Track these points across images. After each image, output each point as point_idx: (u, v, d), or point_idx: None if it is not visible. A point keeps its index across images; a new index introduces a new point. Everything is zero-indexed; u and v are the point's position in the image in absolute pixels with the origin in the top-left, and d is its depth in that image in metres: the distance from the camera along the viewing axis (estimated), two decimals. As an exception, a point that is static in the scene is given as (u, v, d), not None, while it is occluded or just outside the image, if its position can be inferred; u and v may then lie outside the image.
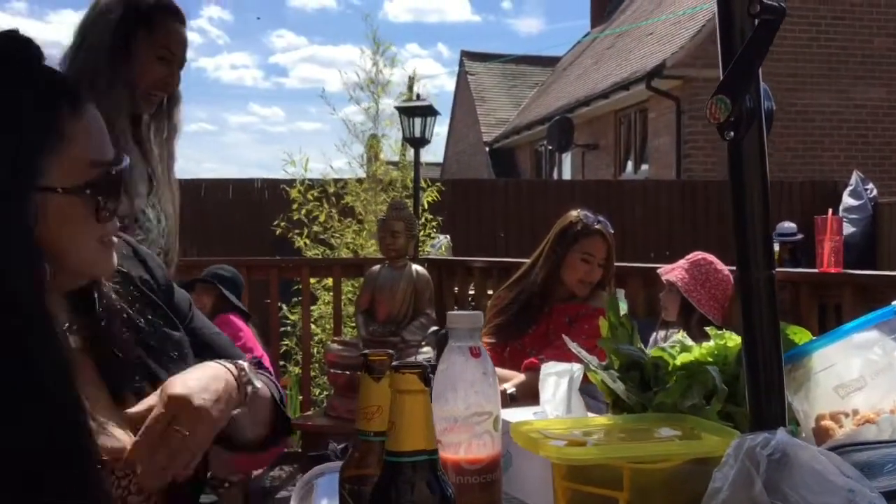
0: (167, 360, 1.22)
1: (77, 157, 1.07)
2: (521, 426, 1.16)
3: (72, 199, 1.07)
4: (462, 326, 1.16)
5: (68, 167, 1.06)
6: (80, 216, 1.08)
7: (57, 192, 1.05)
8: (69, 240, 1.09)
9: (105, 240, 1.13)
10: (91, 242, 1.11)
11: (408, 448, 0.80)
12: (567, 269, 3.20)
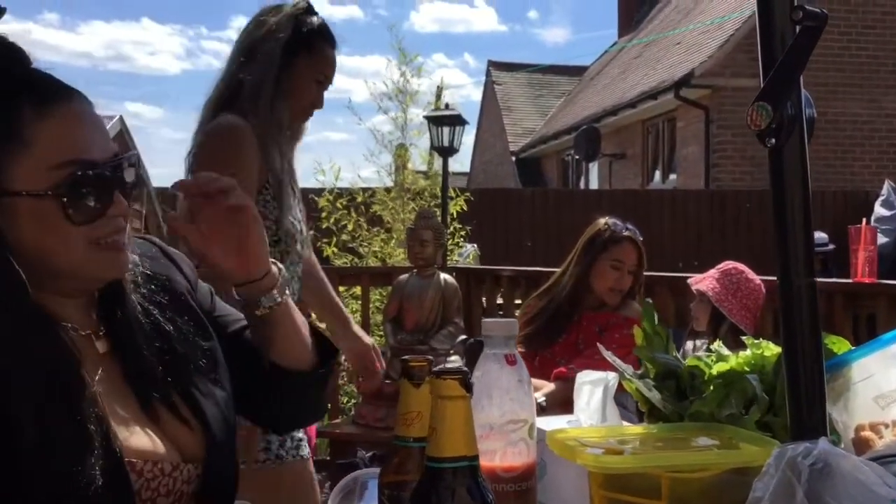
0: (196, 368, 1.22)
1: (42, 160, 1.05)
2: (558, 434, 1.16)
3: (37, 202, 1.05)
4: (498, 334, 1.16)
5: (32, 170, 1.05)
6: (51, 219, 1.06)
7: (21, 195, 1.05)
8: (49, 243, 1.07)
9: (100, 242, 1.10)
10: (77, 245, 1.08)
11: (449, 454, 0.80)
12: (597, 276, 3.19)
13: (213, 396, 1.22)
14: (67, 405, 1.05)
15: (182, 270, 1.31)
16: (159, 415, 1.16)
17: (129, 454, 1.09)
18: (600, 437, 1.17)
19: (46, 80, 1.10)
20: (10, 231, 1.05)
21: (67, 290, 1.14)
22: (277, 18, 2.29)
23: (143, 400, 1.16)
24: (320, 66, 2.33)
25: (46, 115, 1.06)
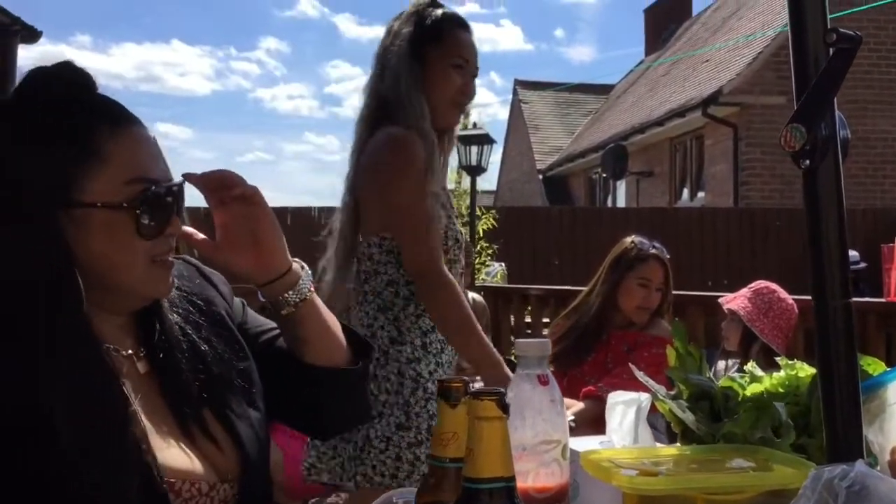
0: (231, 388, 1.23)
1: (116, 175, 1.10)
2: (592, 455, 1.15)
3: (111, 214, 1.10)
4: (530, 354, 1.17)
5: (107, 184, 1.10)
6: (122, 231, 1.11)
7: (96, 206, 1.09)
8: (116, 256, 1.12)
9: (157, 259, 1.14)
10: (139, 260, 1.13)
11: (485, 475, 0.80)
12: (624, 295, 3.18)
13: (247, 417, 1.23)
14: (108, 424, 1.07)
15: (218, 289, 1.33)
16: (196, 434, 1.18)
17: (168, 474, 1.10)
18: (634, 459, 1.17)
19: (114, 103, 1.16)
20: (79, 243, 1.09)
21: (115, 307, 1.17)
22: (400, 20, 2.30)
23: (181, 420, 1.18)
24: (453, 51, 2.29)
25: (120, 134, 1.12)
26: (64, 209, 1.08)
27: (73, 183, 1.09)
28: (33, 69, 1.14)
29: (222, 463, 1.19)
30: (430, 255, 2.18)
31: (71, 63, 1.15)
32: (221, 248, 1.21)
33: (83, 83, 1.14)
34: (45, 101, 1.11)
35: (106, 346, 1.14)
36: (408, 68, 2.23)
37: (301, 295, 1.24)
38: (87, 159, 1.09)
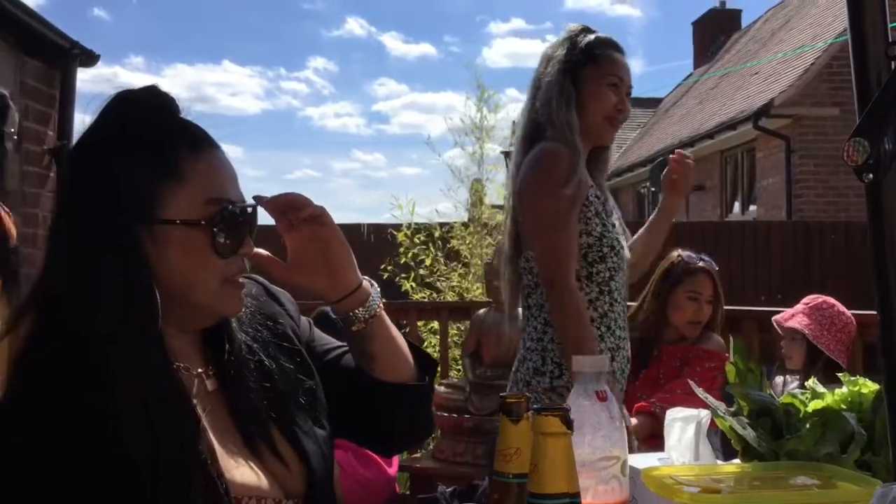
0: (297, 406, 1.24)
1: (195, 195, 1.14)
2: (652, 471, 1.15)
3: (189, 232, 1.13)
4: (588, 370, 1.17)
5: (186, 203, 1.13)
6: (199, 249, 1.13)
7: (175, 223, 1.13)
8: (191, 273, 1.14)
9: (230, 279, 1.17)
10: (213, 279, 1.15)
11: (550, 490, 0.81)
12: (674, 309, 3.16)
13: (313, 434, 1.25)
14: (178, 441, 1.09)
15: (285, 307, 1.35)
16: (263, 452, 1.19)
17: (235, 490, 1.12)
18: (695, 476, 1.16)
19: (196, 127, 1.20)
20: (157, 259, 1.13)
21: (187, 325, 1.20)
22: (554, 46, 2.38)
23: (248, 437, 1.19)
24: (608, 70, 2.36)
25: (200, 156, 1.16)
26: (145, 226, 1.12)
27: (155, 201, 1.12)
28: (121, 91, 1.18)
29: (289, 480, 1.20)
30: (556, 266, 2.25)
31: (156, 87, 1.19)
32: (293, 269, 1.24)
33: (167, 106, 1.19)
34: (131, 121, 1.15)
35: (176, 364, 1.17)
36: (560, 89, 2.31)
37: (370, 311, 1.26)
38: (168, 179, 1.13)
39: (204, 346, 1.23)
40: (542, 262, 2.28)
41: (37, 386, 1.07)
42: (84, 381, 1.06)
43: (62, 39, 6.37)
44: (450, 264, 7.41)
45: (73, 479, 1.02)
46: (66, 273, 1.13)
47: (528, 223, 2.33)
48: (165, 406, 1.10)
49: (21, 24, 5.85)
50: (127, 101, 1.17)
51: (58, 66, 6.54)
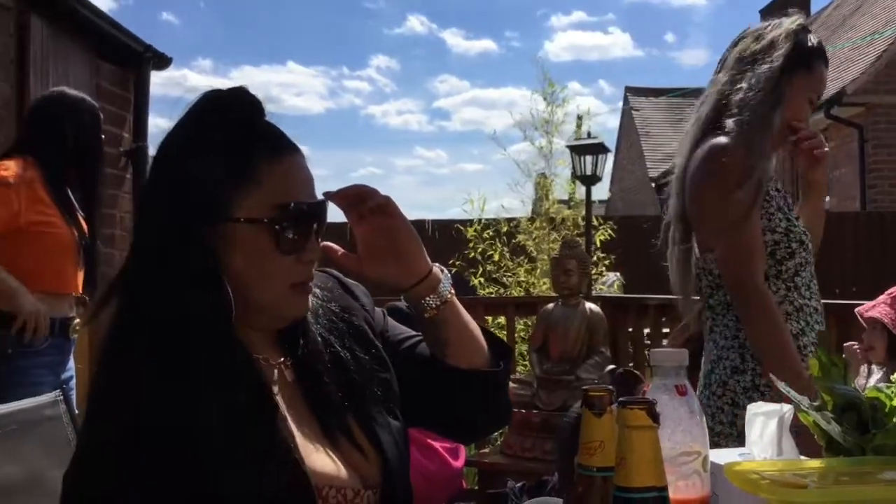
0: (372, 397, 1.26)
1: (266, 198, 1.16)
2: (736, 466, 1.14)
3: (254, 230, 1.16)
4: (667, 364, 1.16)
5: (256, 205, 1.16)
6: (263, 247, 1.16)
7: (240, 222, 1.15)
8: (257, 273, 1.17)
9: (297, 285, 1.19)
10: (279, 283, 1.18)
11: (637, 484, 0.81)
12: None
13: (387, 426, 1.26)
14: (258, 430, 1.11)
15: (359, 300, 1.37)
16: (341, 442, 1.22)
17: (315, 479, 1.14)
18: (779, 471, 1.15)
19: (279, 132, 1.23)
20: (225, 258, 1.16)
21: (258, 324, 1.23)
22: (777, 33, 2.25)
23: (327, 427, 1.22)
24: (816, 85, 2.28)
25: (276, 162, 1.18)
26: (214, 224, 1.15)
27: (227, 201, 1.15)
28: (209, 91, 1.22)
29: (366, 470, 1.22)
30: (743, 267, 2.17)
31: (244, 89, 1.22)
32: (364, 261, 1.26)
33: (250, 109, 1.22)
34: (212, 123, 1.19)
35: (255, 355, 1.20)
36: (773, 86, 2.19)
37: (442, 297, 1.27)
38: (241, 182, 1.16)
39: (281, 339, 1.26)
40: (727, 264, 2.20)
41: (120, 377, 1.12)
42: (164, 371, 1.09)
43: (135, 43, 6.54)
44: (516, 259, 7.41)
45: (157, 466, 1.05)
46: (143, 267, 1.17)
47: (705, 225, 2.26)
48: (243, 394, 1.12)
49: (96, 28, 6.03)
50: (211, 102, 1.21)
51: (132, 69, 6.72)
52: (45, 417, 1.66)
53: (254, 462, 1.09)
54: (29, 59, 5.31)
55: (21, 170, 2.97)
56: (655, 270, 9.02)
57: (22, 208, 2.92)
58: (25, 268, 2.95)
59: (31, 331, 2.90)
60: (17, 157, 3.03)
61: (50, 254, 2.99)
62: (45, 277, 3.00)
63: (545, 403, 4.63)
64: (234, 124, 1.19)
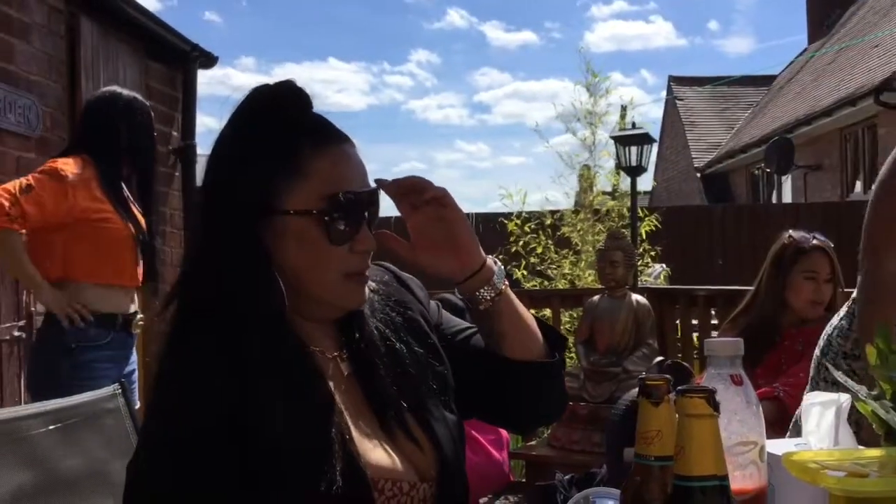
0: (428, 390, 1.26)
1: (314, 189, 1.16)
2: (794, 456, 1.13)
3: (304, 221, 1.16)
4: (723, 354, 1.15)
5: (305, 197, 1.16)
6: (314, 238, 1.16)
7: (290, 214, 1.16)
8: (309, 265, 1.17)
9: (352, 275, 1.19)
10: (332, 273, 1.18)
11: (697, 472, 0.81)
12: (792, 291, 3.06)
13: (443, 419, 1.26)
14: (316, 425, 1.12)
15: (414, 293, 1.37)
16: (397, 434, 1.22)
17: (372, 471, 1.15)
18: (837, 460, 1.14)
19: (325, 123, 1.23)
20: (277, 251, 1.17)
21: (314, 316, 1.23)
22: None
23: (383, 420, 1.22)
24: None
25: (322, 153, 1.19)
26: (263, 218, 1.16)
27: (275, 194, 1.16)
28: (257, 87, 1.23)
29: (422, 463, 1.22)
30: None
31: (290, 82, 1.23)
32: (417, 251, 1.26)
33: (298, 102, 1.22)
34: (260, 117, 1.20)
35: (311, 348, 1.21)
36: None
37: (496, 289, 1.26)
38: (289, 174, 1.16)
39: (338, 332, 1.26)
40: None
41: (180, 372, 1.13)
42: (222, 363, 1.11)
43: (183, 43, 6.62)
44: (560, 252, 7.38)
45: (216, 459, 1.07)
46: (199, 262, 1.20)
47: None
48: (298, 386, 1.14)
49: (144, 28, 6.11)
50: (259, 98, 1.22)
51: (179, 68, 6.80)
52: (105, 410, 1.70)
53: (310, 455, 1.10)
54: (80, 60, 5.40)
55: (79, 168, 3.06)
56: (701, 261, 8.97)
57: (78, 203, 3.00)
58: (82, 261, 3.04)
59: (67, 321, 2.99)
60: (75, 156, 3.12)
61: (106, 247, 3.07)
62: (103, 270, 3.09)
63: (592, 396, 4.61)
64: (281, 118, 1.19)
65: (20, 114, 4.81)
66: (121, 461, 1.63)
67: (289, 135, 1.18)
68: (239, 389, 1.09)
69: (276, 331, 1.15)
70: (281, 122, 1.19)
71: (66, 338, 2.99)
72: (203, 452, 1.07)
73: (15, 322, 4.68)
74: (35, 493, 1.49)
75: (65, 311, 3.00)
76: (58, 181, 2.99)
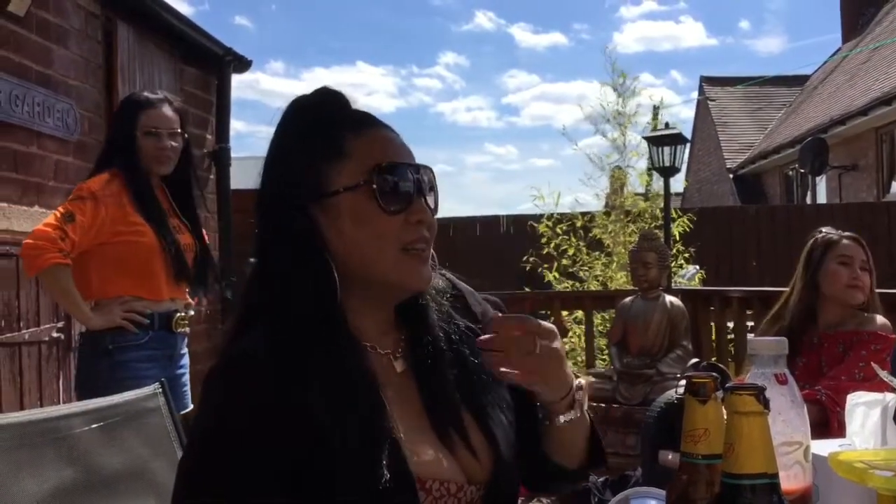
0: (488, 392, 1.25)
1: (359, 166, 1.18)
2: (841, 456, 1.12)
3: (354, 196, 1.17)
4: (767, 353, 1.14)
5: (352, 174, 1.17)
6: (367, 211, 1.16)
7: (340, 192, 1.17)
8: (366, 241, 1.17)
9: (409, 248, 1.18)
10: (389, 246, 1.17)
11: (747, 470, 0.80)
12: (827, 280, 3.00)
13: (501, 422, 1.25)
14: (367, 422, 1.11)
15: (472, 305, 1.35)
16: (450, 435, 1.20)
17: (419, 470, 1.13)
18: (884, 460, 1.12)
19: (363, 113, 1.26)
20: (331, 232, 1.18)
21: (372, 301, 1.22)
22: None
23: (436, 419, 1.21)
24: None
25: (362, 134, 1.21)
26: (315, 202, 1.17)
27: (323, 177, 1.18)
28: (297, 97, 1.26)
29: (473, 465, 1.21)
30: None
31: (326, 87, 1.27)
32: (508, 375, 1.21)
33: (335, 100, 1.26)
34: (303, 119, 1.23)
35: (364, 343, 1.20)
36: None
37: (573, 416, 1.24)
38: (333, 157, 1.18)
39: (397, 328, 1.26)
40: None
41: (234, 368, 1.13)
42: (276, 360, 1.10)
43: (217, 47, 6.69)
44: (592, 253, 7.35)
45: (271, 456, 1.07)
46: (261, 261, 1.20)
47: None
48: (350, 383, 1.13)
49: (179, 33, 6.18)
50: (299, 104, 1.25)
51: (213, 72, 6.87)
52: (146, 409, 1.71)
53: (359, 453, 1.09)
54: (117, 64, 5.47)
55: (106, 185, 3.01)
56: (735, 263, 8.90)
57: (107, 222, 2.98)
58: (115, 281, 3.03)
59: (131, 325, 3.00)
60: (105, 171, 3.08)
61: (137, 264, 3.03)
62: (133, 286, 3.06)
63: (625, 398, 4.59)
64: (323, 115, 1.23)
65: (58, 118, 4.88)
66: (161, 460, 1.65)
67: (332, 126, 1.21)
68: (292, 388, 1.09)
69: (328, 325, 1.15)
70: (324, 118, 1.22)
71: (104, 339, 3.01)
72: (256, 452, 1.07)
73: (54, 323, 4.74)
74: (76, 491, 1.50)
75: (120, 323, 3.00)
76: (93, 202, 2.96)
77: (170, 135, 3.12)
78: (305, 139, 1.21)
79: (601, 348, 6.02)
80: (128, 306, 3.02)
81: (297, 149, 1.21)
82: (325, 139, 1.20)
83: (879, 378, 2.47)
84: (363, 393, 1.14)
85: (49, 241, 2.89)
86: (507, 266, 8.05)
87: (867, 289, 3.01)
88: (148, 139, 3.09)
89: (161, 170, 3.15)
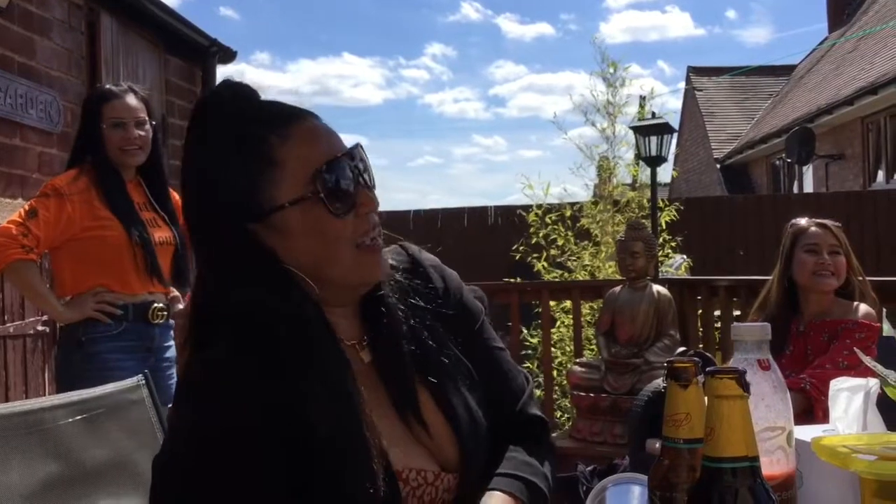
0: (449, 375, 1.23)
1: (296, 175, 1.13)
2: (824, 441, 1.12)
3: (301, 209, 1.12)
4: (749, 339, 1.14)
5: (290, 185, 1.12)
6: (317, 220, 1.13)
7: (284, 207, 1.12)
8: (322, 249, 1.14)
9: (362, 243, 1.15)
10: (344, 248, 1.14)
11: (728, 454, 0.80)
12: (797, 269, 3.03)
13: (464, 403, 1.23)
14: (348, 416, 1.09)
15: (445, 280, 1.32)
16: (413, 424, 1.19)
17: (396, 461, 1.13)
18: (867, 444, 1.12)
19: (277, 106, 1.19)
20: (285, 248, 1.14)
21: (336, 300, 1.20)
22: None
23: (401, 409, 1.19)
24: None
25: (288, 136, 1.15)
26: (258, 221, 1.13)
27: (261, 194, 1.12)
28: (199, 99, 1.21)
29: (443, 452, 1.20)
30: None
31: (229, 80, 1.20)
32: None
33: (244, 96, 1.19)
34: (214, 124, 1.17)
35: (338, 336, 1.17)
36: None
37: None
38: (265, 169, 1.13)
39: (360, 318, 1.23)
40: None
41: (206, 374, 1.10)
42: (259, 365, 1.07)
43: (202, 38, 6.65)
44: (580, 243, 7.36)
45: (259, 455, 1.05)
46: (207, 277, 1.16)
47: None
48: (330, 378, 1.11)
49: (163, 23, 6.14)
50: (206, 104, 1.19)
51: (198, 63, 6.84)
52: (129, 401, 1.70)
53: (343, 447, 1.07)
54: (100, 55, 5.43)
55: (74, 180, 2.98)
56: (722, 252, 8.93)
57: (76, 218, 2.94)
58: (86, 277, 3.00)
59: (103, 316, 2.98)
60: (73, 168, 3.04)
61: (108, 259, 2.99)
62: (106, 280, 3.01)
63: (613, 387, 4.60)
64: (232, 117, 1.16)
65: (41, 109, 4.84)
66: (145, 452, 1.64)
67: (250, 131, 1.15)
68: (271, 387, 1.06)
69: (307, 323, 1.12)
70: (237, 122, 1.16)
71: (77, 331, 2.98)
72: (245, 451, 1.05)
73: (38, 317, 4.72)
74: (60, 483, 1.49)
75: (92, 314, 2.98)
76: (57, 198, 2.93)
77: (136, 124, 3.05)
78: (230, 153, 1.14)
79: (589, 338, 6.03)
80: (99, 297, 2.99)
81: (224, 165, 1.14)
82: (251, 149, 1.13)
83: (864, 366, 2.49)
84: (344, 388, 1.11)
85: (9, 238, 2.88)
86: (495, 257, 8.06)
87: (841, 273, 3.01)
88: (115, 131, 3.03)
89: (131, 161, 3.08)
